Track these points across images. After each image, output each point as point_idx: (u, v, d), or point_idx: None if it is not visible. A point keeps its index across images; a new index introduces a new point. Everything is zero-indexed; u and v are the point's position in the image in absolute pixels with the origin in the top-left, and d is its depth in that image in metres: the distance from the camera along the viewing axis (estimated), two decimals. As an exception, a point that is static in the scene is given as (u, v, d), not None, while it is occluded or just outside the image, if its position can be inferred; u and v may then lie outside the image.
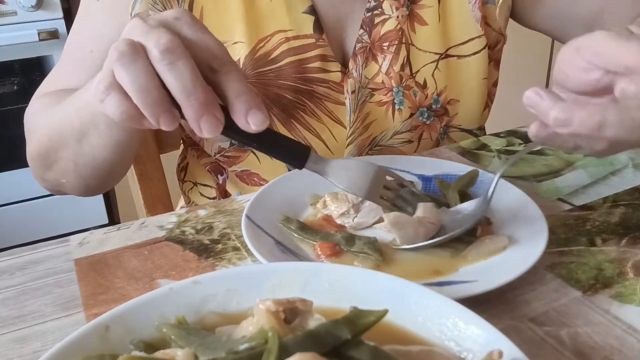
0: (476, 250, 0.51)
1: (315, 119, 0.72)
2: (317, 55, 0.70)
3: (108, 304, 0.48)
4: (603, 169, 0.69)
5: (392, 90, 0.72)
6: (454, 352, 0.35)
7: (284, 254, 0.51)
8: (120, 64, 0.43)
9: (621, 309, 0.46)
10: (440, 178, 0.62)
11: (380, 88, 0.73)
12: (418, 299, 0.38)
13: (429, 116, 0.75)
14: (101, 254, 0.55)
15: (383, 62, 0.72)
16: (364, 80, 0.72)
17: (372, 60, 0.72)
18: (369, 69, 0.72)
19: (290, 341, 0.31)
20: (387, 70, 0.72)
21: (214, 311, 0.39)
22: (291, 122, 0.72)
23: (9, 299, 0.50)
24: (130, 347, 0.36)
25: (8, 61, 1.86)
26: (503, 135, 0.79)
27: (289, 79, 0.70)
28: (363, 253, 0.51)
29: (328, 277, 0.40)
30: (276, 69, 0.69)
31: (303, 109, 0.71)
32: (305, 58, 0.69)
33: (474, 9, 0.73)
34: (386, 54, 0.72)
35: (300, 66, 0.70)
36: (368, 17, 0.72)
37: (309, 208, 0.60)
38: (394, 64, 0.72)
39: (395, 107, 0.73)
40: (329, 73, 0.71)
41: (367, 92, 0.72)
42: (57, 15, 1.85)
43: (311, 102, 0.71)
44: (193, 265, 0.53)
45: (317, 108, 0.71)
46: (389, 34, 0.71)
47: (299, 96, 0.70)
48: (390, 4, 0.71)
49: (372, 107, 0.73)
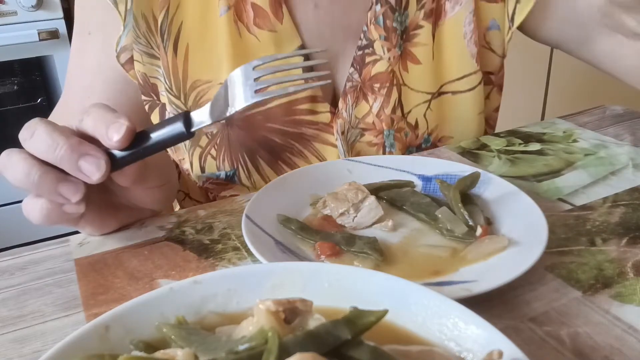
0: (476, 251, 0.51)
1: (302, 159, 0.70)
2: (306, 97, 0.68)
3: (108, 304, 0.48)
4: (603, 169, 0.69)
5: (383, 134, 0.70)
6: (454, 352, 0.35)
7: (284, 254, 0.51)
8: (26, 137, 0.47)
9: (621, 309, 0.46)
10: (441, 178, 0.62)
11: (370, 129, 0.71)
12: (418, 299, 0.38)
13: None
14: (101, 254, 0.55)
15: (374, 103, 0.70)
16: (354, 120, 0.70)
17: (362, 100, 0.70)
18: (359, 109, 0.70)
19: (290, 341, 0.31)
20: (378, 113, 0.70)
21: (214, 311, 0.39)
22: (278, 163, 0.70)
23: (9, 299, 0.50)
24: (130, 347, 0.36)
25: (8, 61, 1.86)
26: (503, 135, 0.79)
27: (277, 122, 0.68)
28: (363, 253, 0.51)
29: (328, 277, 0.40)
30: (264, 111, 0.67)
31: (291, 150, 0.70)
32: (293, 100, 0.68)
33: (469, 44, 0.71)
34: (377, 96, 0.70)
35: (289, 108, 0.68)
36: (359, 56, 0.69)
37: (309, 208, 0.60)
38: (385, 107, 0.70)
39: (386, 150, 0.72)
40: (317, 114, 0.69)
41: (357, 132, 0.71)
42: (57, 15, 1.86)
43: (299, 144, 0.70)
44: (193, 265, 0.53)
45: (305, 149, 0.70)
46: (379, 75, 0.69)
47: (287, 139, 0.69)
48: (382, 44, 0.69)
49: (362, 147, 0.72)
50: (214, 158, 0.69)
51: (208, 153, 0.69)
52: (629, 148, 0.74)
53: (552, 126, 0.82)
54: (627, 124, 0.83)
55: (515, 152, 0.74)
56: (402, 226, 0.57)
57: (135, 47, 0.67)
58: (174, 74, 0.67)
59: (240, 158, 0.68)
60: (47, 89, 1.94)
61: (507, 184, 0.60)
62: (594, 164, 0.70)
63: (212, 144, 0.68)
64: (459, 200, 0.56)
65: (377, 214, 0.57)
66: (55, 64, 1.90)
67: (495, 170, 0.69)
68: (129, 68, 0.69)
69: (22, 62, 1.89)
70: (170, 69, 0.67)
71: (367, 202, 0.57)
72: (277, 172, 0.70)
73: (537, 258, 0.47)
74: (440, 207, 0.56)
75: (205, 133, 0.68)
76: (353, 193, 0.57)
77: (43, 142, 0.45)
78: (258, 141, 0.68)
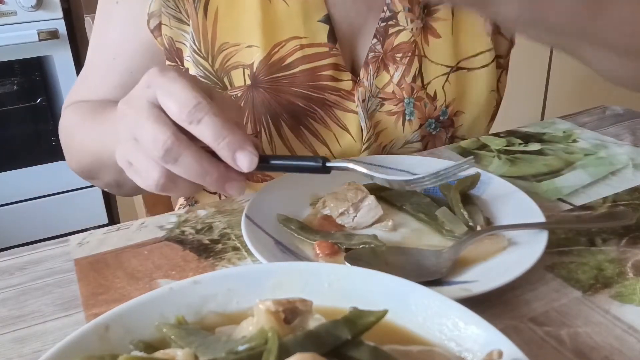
0: (476, 251, 0.51)
1: (323, 125, 0.72)
2: (329, 64, 0.70)
3: (108, 304, 0.48)
4: (603, 169, 0.69)
5: (403, 102, 0.73)
6: (454, 352, 0.35)
7: (284, 253, 0.51)
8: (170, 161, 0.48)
9: (621, 309, 0.46)
10: None
11: (390, 98, 0.73)
12: (418, 299, 0.38)
13: (436, 127, 0.76)
14: (101, 254, 0.55)
15: (395, 72, 0.72)
16: (375, 90, 0.72)
17: (383, 70, 0.72)
18: (380, 79, 0.72)
19: (290, 341, 0.31)
20: (399, 81, 0.72)
21: (214, 311, 0.39)
22: (300, 128, 0.72)
23: (9, 299, 0.50)
24: (130, 347, 0.36)
25: (8, 61, 1.86)
26: (503, 135, 0.79)
27: (301, 87, 0.70)
28: (363, 244, 0.51)
29: (328, 277, 0.40)
30: (289, 75, 0.69)
31: (313, 116, 0.72)
32: (318, 66, 0.70)
33: (485, 22, 0.74)
34: (398, 65, 0.72)
35: (313, 74, 0.70)
36: (382, 27, 0.72)
37: (309, 208, 0.60)
38: (407, 76, 0.72)
39: (406, 118, 0.74)
40: (340, 82, 0.71)
41: (377, 102, 0.73)
42: (57, 15, 1.86)
43: (321, 110, 0.72)
44: (193, 265, 0.53)
45: (327, 115, 0.72)
46: (402, 45, 0.72)
47: (310, 104, 0.71)
48: (406, 15, 0.71)
49: (382, 116, 0.74)
50: None
51: None
52: (628, 148, 0.74)
53: (552, 126, 0.82)
54: (627, 123, 0.83)
55: (515, 152, 0.74)
56: (402, 226, 0.57)
57: (163, 10, 0.69)
58: (204, 36, 0.69)
59: (264, 121, 0.70)
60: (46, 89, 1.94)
61: (507, 184, 0.60)
62: (594, 163, 0.70)
63: None
64: (459, 201, 0.56)
65: (377, 214, 0.57)
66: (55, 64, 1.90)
67: (495, 170, 0.69)
68: (157, 35, 0.71)
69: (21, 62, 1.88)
70: (200, 31, 0.69)
71: (366, 201, 0.57)
72: (298, 138, 0.72)
73: (537, 258, 0.47)
74: (440, 207, 0.56)
75: (230, 96, 0.70)
76: (352, 193, 0.57)
77: (210, 131, 0.48)
78: (282, 105, 0.70)
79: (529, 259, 0.47)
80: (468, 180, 0.59)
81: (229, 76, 0.69)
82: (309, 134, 0.72)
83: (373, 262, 0.48)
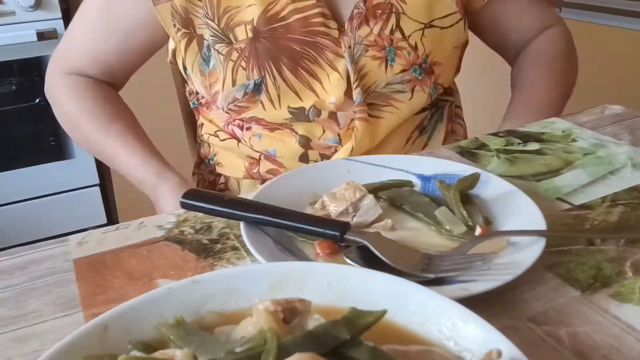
0: (475, 250, 0.51)
1: (317, 65, 0.83)
2: (318, 13, 0.82)
3: (107, 304, 0.48)
4: (602, 169, 0.69)
5: (385, 49, 0.85)
6: (453, 352, 0.35)
7: (283, 253, 0.51)
8: None
9: (620, 308, 0.46)
10: (440, 178, 0.62)
11: (373, 45, 0.84)
12: (417, 299, 0.38)
13: (421, 73, 0.88)
14: (100, 254, 0.55)
15: (375, 26, 0.84)
16: (358, 38, 0.84)
17: (364, 24, 0.84)
18: (362, 30, 0.84)
19: (289, 341, 0.31)
20: (379, 33, 0.84)
21: (213, 311, 0.39)
22: (297, 69, 0.82)
23: (9, 298, 0.50)
24: (128, 347, 0.36)
25: (6, 61, 1.86)
26: (502, 135, 0.79)
27: (296, 33, 0.81)
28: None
29: (327, 277, 0.40)
30: (285, 25, 0.81)
31: (308, 57, 0.83)
32: (308, 15, 0.81)
33: None
34: (377, 20, 0.84)
35: (305, 22, 0.81)
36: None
37: (308, 208, 0.60)
38: (384, 29, 0.84)
39: (388, 63, 0.85)
40: (329, 29, 0.83)
41: (362, 48, 0.84)
42: (55, 15, 1.85)
43: (315, 52, 0.83)
44: (192, 265, 0.53)
45: (319, 57, 0.83)
46: (380, 4, 0.84)
47: (304, 47, 0.82)
48: None
49: (366, 61, 0.84)
50: (244, 69, 0.82)
51: (239, 65, 0.82)
52: (627, 147, 0.74)
53: (551, 125, 0.82)
54: (626, 123, 0.83)
55: (514, 151, 0.74)
56: (401, 226, 0.57)
57: None
58: (210, 2, 0.81)
59: (267, 66, 0.82)
60: (45, 89, 1.94)
61: (505, 184, 0.60)
62: (593, 163, 0.70)
63: (242, 57, 0.82)
64: (459, 200, 0.56)
65: (376, 213, 0.57)
66: (53, 64, 1.90)
67: (494, 169, 0.69)
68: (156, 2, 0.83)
69: (20, 62, 1.88)
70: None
71: (365, 201, 0.57)
72: (298, 78, 0.83)
73: (536, 258, 0.47)
74: (439, 206, 0.56)
75: (235, 48, 0.82)
76: (351, 192, 0.57)
77: None
78: (281, 50, 0.81)
79: (528, 259, 0.47)
80: (467, 180, 0.59)
81: (234, 32, 0.81)
82: (306, 73, 0.83)
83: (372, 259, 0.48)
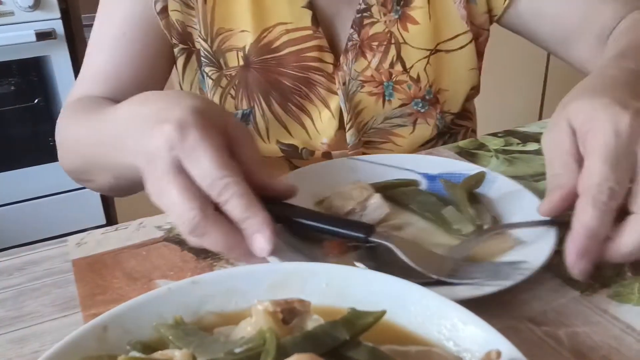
0: (483, 250, 0.51)
1: (308, 101, 0.79)
2: (314, 46, 0.76)
3: (106, 305, 0.48)
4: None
5: (383, 84, 0.79)
6: (453, 352, 0.35)
7: (292, 253, 0.51)
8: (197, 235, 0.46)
9: (619, 309, 0.46)
10: (445, 178, 0.62)
11: (370, 81, 0.79)
12: (417, 299, 0.38)
13: (424, 105, 0.82)
14: (99, 255, 0.55)
15: (372, 59, 0.79)
16: (354, 74, 0.79)
17: (361, 57, 0.78)
18: (358, 64, 0.79)
19: (289, 342, 0.31)
20: (377, 67, 0.79)
21: (212, 311, 0.39)
22: (287, 104, 0.79)
23: (7, 299, 0.50)
24: (127, 348, 0.36)
25: (5, 62, 1.86)
26: (501, 135, 0.79)
27: (288, 67, 0.77)
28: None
29: (326, 278, 0.40)
30: (277, 57, 0.76)
31: (299, 93, 0.79)
32: (303, 48, 0.76)
33: (459, 8, 0.80)
34: (375, 52, 0.78)
35: (298, 55, 0.76)
36: (358, 18, 0.77)
37: (313, 207, 0.59)
38: (384, 62, 0.79)
39: (386, 99, 0.80)
40: (324, 63, 0.78)
41: (357, 84, 0.79)
42: (54, 15, 1.85)
43: (306, 88, 0.78)
44: (191, 266, 0.53)
45: (311, 92, 0.79)
46: (377, 35, 0.78)
47: (296, 82, 0.78)
48: (379, 9, 0.77)
49: (362, 97, 0.80)
50: (233, 97, 0.78)
51: (228, 93, 0.78)
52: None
53: (550, 126, 0.82)
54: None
55: (513, 152, 0.74)
56: (408, 225, 0.57)
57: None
58: (204, 20, 0.76)
59: (256, 98, 0.78)
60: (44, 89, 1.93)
61: (512, 182, 0.59)
62: (592, 163, 0.70)
63: (232, 85, 0.78)
64: (467, 200, 0.56)
65: (383, 212, 0.56)
66: (52, 64, 1.90)
67: (493, 170, 0.69)
68: (162, 17, 0.76)
69: (19, 63, 1.88)
70: (201, 15, 0.76)
71: (372, 200, 0.57)
72: (287, 112, 0.79)
73: (547, 256, 0.47)
74: (446, 206, 0.56)
75: (225, 75, 0.78)
76: (358, 191, 0.57)
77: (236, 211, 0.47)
78: (271, 83, 0.77)
79: (539, 257, 0.47)
80: (473, 178, 0.59)
81: (224, 57, 0.76)
82: (296, 109, 0.79)
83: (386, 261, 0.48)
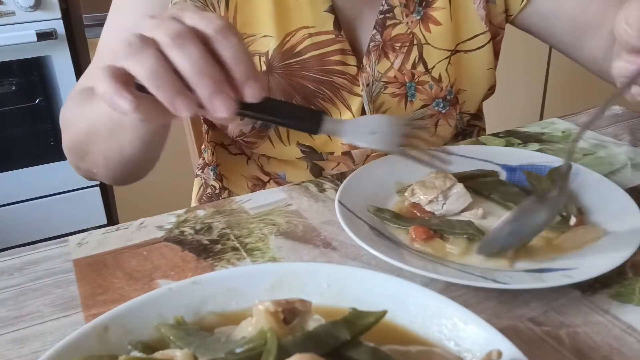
0: (571, 240, 0.52)
1: (331, 104, 0.79)
2: (336, 50, 0.76)
3: (107, 305, 0.48)
4: (602, 169, 0.69)
5: (405, 85, 0.79)
6: (454, 352, 0.35)
7: (379, 238, 0.52)
8: (130, 53, 0.46)
9: (620, 309, 0.46)
10: (527, 169, 0.63)
11: (392, 82, 0.79)
12: (417, 299, 0.38)
13: (445, 106, 0.81)
14: (100, 255, 0.55)
15: (395, 60, 0.79)
16: (377, 75, 0.78)
17: (384, 58, 0.78)
18: (381, 65, 0.78)
19: (289, 342, 0.31)
20: (400, 68, 0.79)
21: (213, 311, 0.39)
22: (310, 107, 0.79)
23: (8, 299, 0.50)
24: (128, 348, 0.36)
25: (6, 62, 1.86)
26: (502, 136, 0.79)
27: (311, 71, 0.77)
28: (468, 234, 0.52)
29: (327, 278, 0.40)
30: (300, 61, 0.76)
31: (322, 97, 0.78)
32: (326, 52, 0.76)
33: (478, 8, 0.80)
34: (398, 54, 0.78)
35: (322, 59, 0.76)
36: (380, 19, 0.77)
37: (395, 196, 0.61)
38: (406, 63, 0.79)
39: (408, 99, 0.80)
40: (347, 66, 0.78)
41: (380, 85, 0.79)
42: (55, 15, 1.85)
43: (330, 91, 0.78)
44: (192, 266, 0.53)
45: (334, 96, 0.79)
46: (399, 36, 0.78)
47: (319, 86, 0.77)
48: (402, 10, 0.77)
49: (386, 98, 0.80)
50: None
51: None
52: (627, 148, 0.74)
53: (550, 126, 0.82)
54: (626, 123, 0.83)
55: (514, 152, 0.74)
56: (491, 214, 0.57)
57: (191, 2, 0.74)
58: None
59: None
60: (45, 89, 1.93)
61: (595, 175, 0.61)
62: (593, 163, 0.70)
63: None
64: (555, 191, 0.56)
65: (466, 201, 0.57)
66: (53, 64, 1.90)
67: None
68: None
69: (20, 63, 1.88)
70: None
71: (455, 189, 0.57)
72: None
73: (637, 245, 0.48)
74: (528, 196, 0.56)
75: None
76: (441, 180, 0.58)
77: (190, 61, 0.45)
78: (294, 87, 0.77)
79: (628, 247, 0.48)
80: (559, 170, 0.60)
81: None
82: None
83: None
